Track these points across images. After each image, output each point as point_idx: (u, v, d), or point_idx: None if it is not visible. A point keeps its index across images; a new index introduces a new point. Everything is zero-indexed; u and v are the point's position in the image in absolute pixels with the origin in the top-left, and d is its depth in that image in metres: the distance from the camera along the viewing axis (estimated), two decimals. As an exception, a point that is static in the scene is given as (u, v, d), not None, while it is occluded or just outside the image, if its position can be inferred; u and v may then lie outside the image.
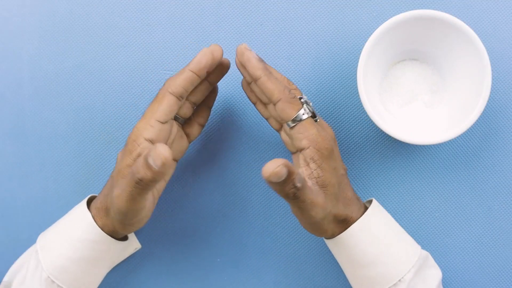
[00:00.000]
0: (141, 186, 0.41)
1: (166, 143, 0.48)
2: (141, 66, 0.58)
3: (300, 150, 0.47)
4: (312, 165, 0.46)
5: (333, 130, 0.56)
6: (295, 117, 0.46)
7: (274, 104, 0.47)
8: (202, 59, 0.47)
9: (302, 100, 0.47)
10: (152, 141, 0.47)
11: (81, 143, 0.58)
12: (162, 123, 0.47)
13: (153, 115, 0.47)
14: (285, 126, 0.48)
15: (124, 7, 0.58)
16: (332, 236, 0.48)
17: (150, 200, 0.46)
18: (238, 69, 0.49)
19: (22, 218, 0.58)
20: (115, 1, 0.58)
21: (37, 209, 0.58)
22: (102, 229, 0.48)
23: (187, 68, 0.47)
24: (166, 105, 0.47)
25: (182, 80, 0.47)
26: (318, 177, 0.46)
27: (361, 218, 0.48)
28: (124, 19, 0.58)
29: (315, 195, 0.44)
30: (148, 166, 0.40)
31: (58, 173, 0.58)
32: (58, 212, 0.57)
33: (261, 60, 0.47)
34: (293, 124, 0.46)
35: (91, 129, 0.58)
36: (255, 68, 0.46)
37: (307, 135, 0.46)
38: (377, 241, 0.47)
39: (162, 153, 0.39)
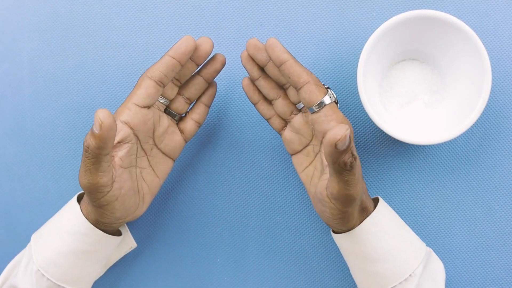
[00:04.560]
0: (91, 155, 0.42)
1: (149, 131, 0.48)
2: (141, 66, 0.58)
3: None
4: None
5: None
6: (321, 101, 0.46)
7: (300, 88, 0.46)
8: (181, 45, 0.47)
9: (325, 86, 0.47)
10: (128, 124, 0.47)
11: (81, 143, 0.58)
12: (140, 107, 0.47)
13: (130, 99, 0.48)
14: (294, 119, 0.49)
15: (124, 7, 0.58)
16: (350, 228, 0.47)
17: (109, 176, 0.45)
18: (244, 66, 0.49)
19: (22, 217, 0.58)
20: (115, 1, 0.58)
21: (37, 208, 0.58)
22: (86, 218, 0.48)
23: (166, 54, 0.48)
24: (143, 89, 0.47)
25: (160, 65, 0.47)
26: None
27: (374, 211, 0.48)
28: (124, 19, 0.58)
29: (359, 171, 0.43)
30: (91, 133, 0.41)
31: (58, 173, 0.58)
32: (58, 212, 0.57)
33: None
34: (317, 109, 0.46)
35: (91, 129, 0.58)
36: (282, 51, 0.46)
37: (335, 117, 0.46)
38: (388, 236, 0.47)
39: (99, 117, 0.40)
